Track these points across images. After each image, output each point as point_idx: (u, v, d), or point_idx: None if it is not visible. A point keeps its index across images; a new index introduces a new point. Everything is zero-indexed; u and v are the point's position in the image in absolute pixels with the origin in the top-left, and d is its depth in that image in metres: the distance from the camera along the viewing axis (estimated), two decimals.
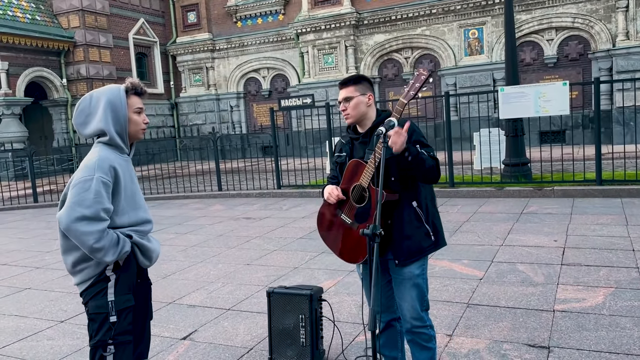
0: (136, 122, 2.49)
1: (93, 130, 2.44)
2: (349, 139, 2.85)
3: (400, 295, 2.78)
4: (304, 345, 3.43)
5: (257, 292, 4.93)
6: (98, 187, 2.29)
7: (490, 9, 17.36)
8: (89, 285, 2.43)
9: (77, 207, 2.26)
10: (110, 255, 2.31)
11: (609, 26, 16.16)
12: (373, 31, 18.97)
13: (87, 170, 2.33)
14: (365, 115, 2.73)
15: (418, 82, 2.53)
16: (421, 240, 2.68)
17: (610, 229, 6.20)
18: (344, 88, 2.75)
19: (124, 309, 2.42)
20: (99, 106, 2.42)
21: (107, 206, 2.32)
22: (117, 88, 2.45)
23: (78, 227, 2.25)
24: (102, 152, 2.38)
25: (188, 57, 22.51)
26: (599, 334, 3.58)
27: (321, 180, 11.24)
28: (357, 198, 2.70)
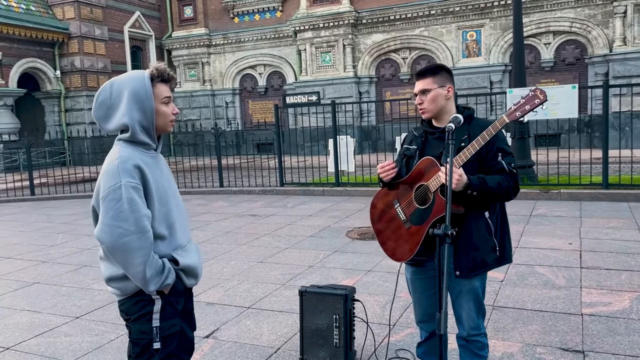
0: (164, 113, 2.19)
1: (116, 125, 2.16)
2: (422, 132, 2.66)
3: (459, 304, 2.67)
4: (337, 346, 3.36)
5: (276, 291, 4.85)
6: (129, 194, 2.03)
7: (489, 12, 17.42)
8: (128, 298, 2.20)
9: (115, 222, 2.02)
10: (152, 284, 2.08)
11: (607, 31, 16.29)
12: (371, 30, 18.94)
13: (111, 177, 2.06)
14: (443, 109, 2.54)
15: (529, 104, 2.32)
16: (487, 254, 2.55)
17: (623, 233, 6.22)
18: (420, 79, 2.55)
19: (169, 335, 2.22)
20: (122, 98, 2.12)
21: (145, 212, 2.08)
22: (141, 76, 2.15)
23: (124, 244, 2.02)
24: (122, 152, 2.12)
25: (183, 52, 22.30)
26: (632, 338, 3.55)
27: (324, 178, 11.17)
28: (420, 198, 2.54)
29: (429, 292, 2.74)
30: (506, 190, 2.43)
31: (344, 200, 9.64)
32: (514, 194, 2.49)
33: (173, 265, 2.21)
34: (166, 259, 2.16)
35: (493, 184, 2.41)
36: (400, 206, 2.65)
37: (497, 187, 2.41)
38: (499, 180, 2.43)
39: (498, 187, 2.41)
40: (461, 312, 2.67)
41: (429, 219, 2.49)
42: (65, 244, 7.26)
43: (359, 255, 5.84)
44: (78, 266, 6.04)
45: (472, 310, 2.66)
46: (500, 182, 2.42)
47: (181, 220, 2.30)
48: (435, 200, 2.46)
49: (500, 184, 2.42)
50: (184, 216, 2.36)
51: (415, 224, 2.57)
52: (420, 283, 2.76)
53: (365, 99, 18.88)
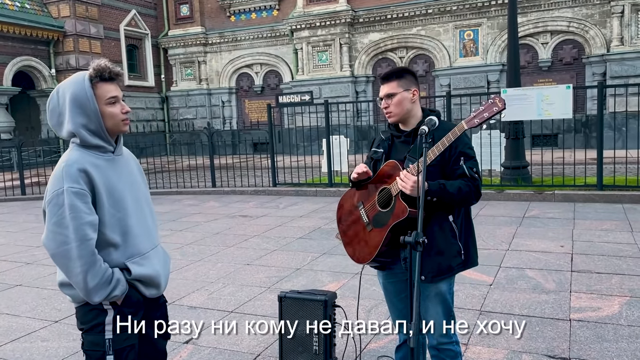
0: (111, 114, 2.06)
1: (66, 132, 2.06)
2: (389, 135, 2.65)
3: (425, 310, 2.62)
4: (316, 353, 3.27)
5: (260, 294, 4.77)
6: (71, 200, 1.94)
7: (486, 11, 17.32)
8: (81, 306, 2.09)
9: (57, 229, 1.94)
10: (96, 295, 1.97)
11: (604, 31, 16.21)
12: (368, 29, 18.84)
13: (55, 182, 1.98)
14: (409, 113, 2.52)
15: (488, 112, 2.30)
16: (452, 258, 2.50)
17: (616, 235, 6.13)
18: (385, 83, 2.52)
19: (123, 347, 2.10)
20: (66, 104, 2.03)
21: (88, 219, 1.96)
22: (80, 78, 2.04)
23: (64, 252, 1.93)
24: (71, 156, 2.03)
25: (180, 51, 22.20)
26: (619, 345, 3.47)
27: (317, 179, 11.08)
28: (382, 202, 2.52)
29: (401, 295, 2.72)
30: (467, 196, 2.41)
31: (336, 201, 9.49)
32: (475, 199, 2.45)
33: (126, 274, 2.08)
34: (117, 269, 2.05)
35: (453, 189, 2.37)
36: (364, 208, 2.63)
37: (458, 193, 2.38)
38: (459, 185, 2.39)
39: (458, 192, 2.38)
40: (429, 319, 2.60)
41: (389, 222, 2.47)
42: None
43: (347, 258, 5.64)
44: None
45: (440, 315, 2.61)
46: (461, 188, 2.38)
47: (143, 226, 2.18)
48: (396, 204, 2.45)
49: (461, 189, 2.38)
50: (149, 221, 2.25)
51: (377, 227, 2.54)
52: (392, 287, 2.76)
53: (362, 98, 18.79)
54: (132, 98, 21.44)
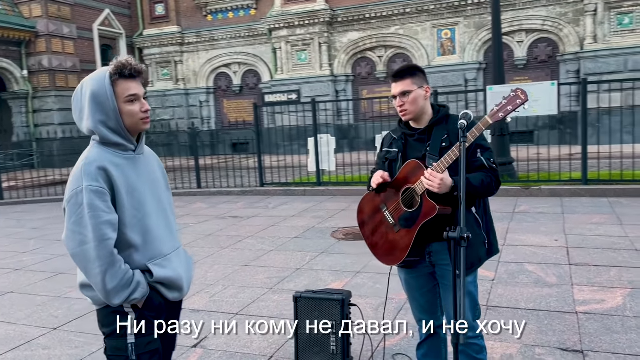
0: (130, 112, 2.00)
1: (85, 128, 2.03)
2: (401, 134, 2.65)
3: (450, 303, 2.61)
4: (334, 353, 3.25)
5: (263, 296, 4.71)
6: (89, 198, 1.90)
7: (463, 10, 17.50)
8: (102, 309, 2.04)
9: (76, 228, 1.91)
10: (116, 298, 1.93)
11: (578, 29, 16.53)
12: (347, 29, 18.86)
13: (75, 180, 1.95)
14: (422, 110, 2.53)
15: (512, 105, 2.31)
16: (479, 248, 2.54)
17: (607, 229, 6.25)
18: (399, 81, 2.52)
19: (146, 352, 2.05)
20: (86, 100, 2.00)
21: (107, 218, 1.92)
22: (101, 75, 2.00)
23: (83, 252, 1.90)
24: (90, 153, 1.99)
25: (156, 51, 21.87)
26: (629, 336, 3.52)
27: (305, 178, 11.03)
28: (407, 202, 2.52)
29: (423, 289, 2.74)
30: (489, 187, 2.46)
31: (326, 200, 9.52)
32: (496, 188, 2.51)
33: (148, 277, 2.04)
34: (138, 271, 2.00)
35: (476, 182, 2.41)
36: (387, 210, 2.63)
37: (481, 185, 2.42)
38: (482, 177, 2.44)
39: (481, 184, 2.43)
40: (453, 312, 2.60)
41: (418, 221, 2.48)
42: (38, 250, 6.97)
43: (346, 257, 5.73)
44: (53, 274, 5.79)
45: (467, 309, 2.61)
46: (483, 180, 2.43)
47: (164, 227, 2.13)
48: (423, 203, 2.45)
49: (483, 181, 2.43)
50: (171, 222, 2.20)
51: (404, 227, 2.55)
52: (415, 282, 2.76)
53: (342, 97, 18.80)
54: None
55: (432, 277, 2.69)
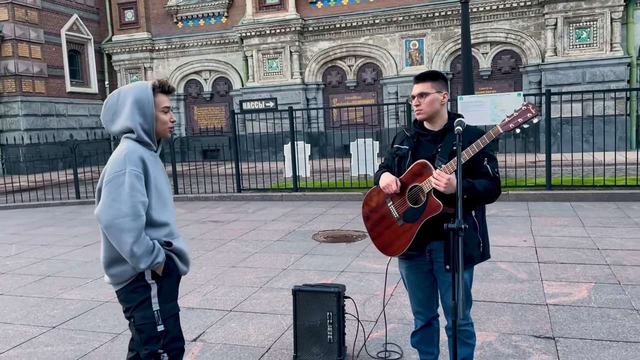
0: (163, 121, 2.47)
1: (120, 127, 2.42)
2: (414, 133, 2.83)
3: (448, 296, 2.84)
4: (330, 342, 3.49)
5: (254, 294, 4.92)
6: (131, 180, 2.28)
7: (430, 22, 18.08)
8: (125, 286, 2.41)
9: (114, 204, 2.26)
10: (143, 262, 2.29)
11: (539, 42, 17.29)
12: (318, 38, 19.21)
13: (117, 164, 2.31)
14: (438, 114, 2.72)
15: (522, 117, 2.49)
16: (473, 250, 2.74)
17: (571, 230, 6.70)
18: (420, 83, 2.72)
19: (170, 316, 2.43)
20: (126, 104, 2.40)
21: (143, 199, 2.31)
22: (144, 86, 2.43)
23: (118, 224, 2.24)
24: (130, 145, 2.37)
25: (125, 57, 21.75)
26: (594, 324, 3.89)
27: (282, 184, 11.25)
28: (413, 198, 2.72)
29: (422, 285, 2.96)
30: (491, 194, 2.65)
31: (304, 205, 9.77)
32: (496, 196, 2.71)
33: (166, 248, 2.43)
34: (156, 241, 2.37)
35: (480, 187, 2.60)
36: (393, 204, 2.83)
37: (484, 191, 2.61)
38: (485, 184, 2.62)
39: (485, 190, 2.62)
40: (450, 302, 2.87)
41: (422, 217, 2.69)
42: (21, 254, 6.99)
43: (329, 257, 5.99)
44: (41, 276, 5.85)
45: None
46: (487, 186, 2.62)
47: (174, 217, 2.54)
48: (429, 201, 2.65)
49: (487, 187, 2.62)
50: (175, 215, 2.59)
51: (408, 222, 2.75)
52: (414, 277, 2.96)
53: (312, 105, 19.11)
54: (74, 105, 20.83)
55: (430, 274, 2.91)
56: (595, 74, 16.37)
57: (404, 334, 3.89)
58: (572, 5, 16.36)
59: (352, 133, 12.82)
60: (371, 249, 6.26)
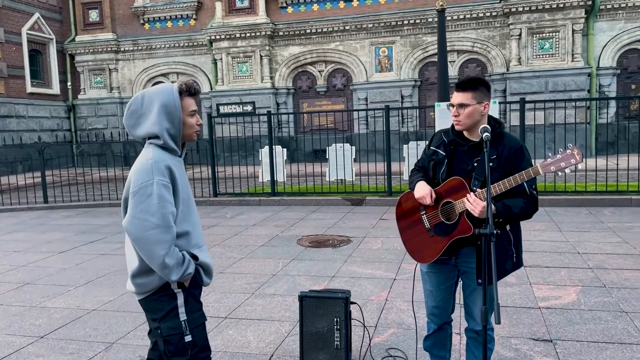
0: (190, 124, 2.38)
1: (145, 132, 2.33)
2: (452, 139, 2.74)
3: (472, 300, 2.85)
4: (338, 348, 3.47)
5: (247, 300, 4.86)
6: (160, 191, 2.20)
7: (399, 30, 18.33)
8: (150, 295, 2.33)
9: (143, 215, 2.18)
10: (174, 274, 2.22)
11: (504, 52, 17.77)
12: (288, 43, 19.20)
13: (145, 174, 2.22)
14: (477, 125, 2.59)
15: (565, 162, 2.42)
16: (506, 262, 2.70)
17: (550, 235, 6.89)
18: (460, 92, 2.61)
19: (197, 326, 2.36)
20: (152, 109, 2.30)
21: (172, 209, 2.24)
22: (170, 90, 2.33)
23: (149, 236, 2.16)
24: (155, 153, 2.28)
25: (89, 57, 21.20)
26: (588, 327, 4.00)
27: (260, 188, 11.16)
28: (446, 214, 2.68)
29: (442, 286, 2.93)
30: (527, 213, 2.60)
31: (283, 209, 9.72)
32: (532, 213, 2.64)
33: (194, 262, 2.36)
34: (185, 252, 2.30)
35: (517, 209, 2.53)
36: (426, 214, 2.79)
37: (520, 212, 2.55)
38: (522, 204, 2.56)
39: (520, 211, 2.55)
40: (474, 307, 2.88)
41: (453, 235, 2.65)
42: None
43: (318, 262, 5.97)
44: (19, 284, 5.62)
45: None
46: (523, 207, 2.55)
47: (198, 223, 2.47)
48: (460, 221, 2.61)
49: (523, 208, 2.55)
50: (199, 221, 2.52)
51: (439, 235, 2.72)
52: (435, 277, 2.92)
53: (282, 109, 19.08)
54: (35, 106, 20.16)
55: (452, 277, 2.89)
56: (558, 83, 16.93)
57: (405, 339, 3.91)
58: (535, 16, 16.88)
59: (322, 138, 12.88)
60: (359, 254, 6.29)
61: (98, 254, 6.86)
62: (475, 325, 2.90)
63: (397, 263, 5.76)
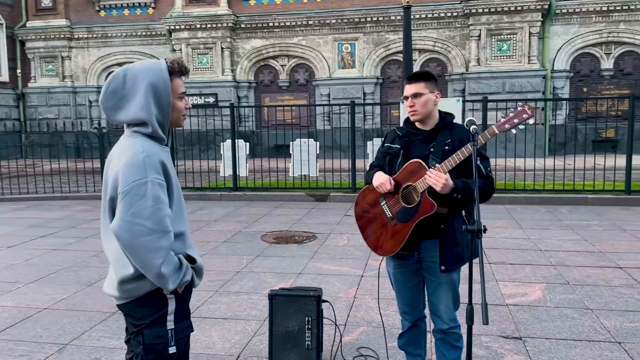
0: (179, 108, 2.09)
1: (130, 118, 2.01)
2: (406, 132, 2.80)
3: (437, 297, 2.84)
4: (308, 348, 3.35)
5: (210, 298, 4.68)
6: (155, 191, 1.92)
7: (362, 27, 18.32)
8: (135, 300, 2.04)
9: (136, 220, 1.89)
10: (171, 282, 1.96)
11: (464, 52, 18.01)
12: (250, 36, 18.90)
13: (136, 171, 1.92)
14: (430, 114, 2.70)
15: (518, 118, 2.50)
16: (464, 249, 2.75)
17: (511, 232, 6.96)
18: (413, 83, 2.69)
19: (183, 337, 2.11)
20: (138, 90, 1.99)
21: (168, 211, 1.97)
22: (158, 68, 2.02)
23: (143, 243, 1.89)
24: (146, 146, 1.97)
25: (40, 44, 20.30)
26: (556, 324, 4.02)
27: (221, 183, 10.90)
28: (406, 198, 2.69)
29: (409, 284, 2.92)
30: (485, 193, 2.65)
31: (245, 205, 9.51)
32: (490, 194, 2.72)
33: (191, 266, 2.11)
34: (181, 256, 2.05)
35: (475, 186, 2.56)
36: (386, 204, 2.79)
37: (479, 188, 2.56)
38: (479, 183, 2.58)
39: (479, 189, 2.55)
40: (439, 305, 2.84)
41: (415, 217, 2.66)
42: None
43: (283, 259, 5.83)
44: None
45: (450, 302, 2.86)
46: (481, 186, 2.59)
47: (187, 223, 2.21)
48: (422, 200, 2.63)
49: (481, 187, 2.58)
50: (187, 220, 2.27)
51: (402, 221, 2.72)
52: (402, 276, 2.92)
53: (244, 103, 18.78)
54: None
55: (418, 273, 2.89)
56: (514, 84, 17.28)
57: (375, 337, 3.83)
58: (494, 18, 17.17)
59: (283, 133, 12.71)
60: (325, 250, 6.19)
61: (49, 249, 6.51)
62: (443, 325, 2.86)
63: (364, 259, 5.68)
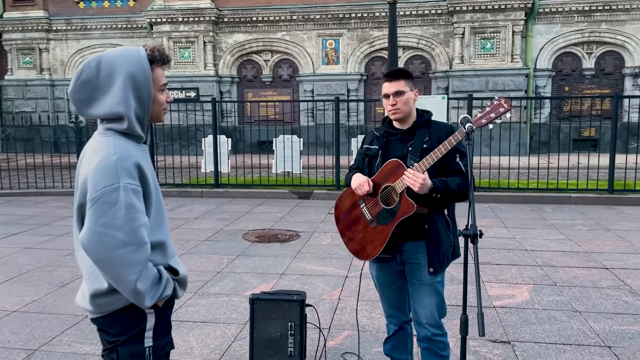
0: (160, 102, 1.87)
1: (105, 112, 1.78)
2: (383, 132, 2.73)
3: (419, 301, 2.73)
4: (291, 354, 3.21)
5: (189, 300, 4.51)
6: (128, 198, 1.70)
7: (346, 22, 18.17)
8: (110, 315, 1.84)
9: (107, 230, 1.67)
10: (148, 299, 1.76)
11: (448, 50, 17.98)
12: (233, 30, 18.63)
13: (107, 175, 1.70)
14: (410, 113, 2.65)
15: (495, 112, 2.43)
16: (447, 249, 2.68)
17: (496, 231, 6.89)
18: (394, 81, 2.61)
19: (162, 355, 1.91)
20: (114, 80, 1.76)
21: (145, 220, 1.76)
22: (138, 56, 1.79)
23: (115, 257, 1.68)
24: (118, 146, 1.75)
25: (17, 36, 19.79)
26: (544, 327, 3.94)
27: (202, 179, 10.68)
28: (386, 199, 2.61)
29: (393, 286, 2.84)
30: (464, 191, 2.56)
31: (227, 202, 9.31)
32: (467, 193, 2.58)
33: (171, 275, 1.89)
34: (161, 267, 1.85)
35: (454, 185, 2.53)
36: (365, 206, 2.71)
37: (457, 189, 2.54)
38: (458, 181, 2.55)
39: (458, 188, 2.54)
40: (421, 310, 2.73)
41: (395, 218, 2.58)
42: None
43: (265, 259, 5.67)
44: None
45: (434, 307, 2.74)
46: (460, 184, 2.54)
47: (168, 230, 2.00)
48: (402, 201, 2.55)
49: (460, 185, 2.54)
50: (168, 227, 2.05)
51: (382, 223, 2.63)
52: (385, 279, 2.84)
53: (226, 98, 18.52)
54: None
55: (401, 275, 2.79)
56: (497, 82, 17.30)
57: (361, 342, 3.70)
58: (478, 16, 17.15)
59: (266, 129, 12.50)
60: (308, 249, 6.04)
61: (21, 248, 6.26)
62: (427, 332, 2.74)
63: (348, 259, 5.55)
